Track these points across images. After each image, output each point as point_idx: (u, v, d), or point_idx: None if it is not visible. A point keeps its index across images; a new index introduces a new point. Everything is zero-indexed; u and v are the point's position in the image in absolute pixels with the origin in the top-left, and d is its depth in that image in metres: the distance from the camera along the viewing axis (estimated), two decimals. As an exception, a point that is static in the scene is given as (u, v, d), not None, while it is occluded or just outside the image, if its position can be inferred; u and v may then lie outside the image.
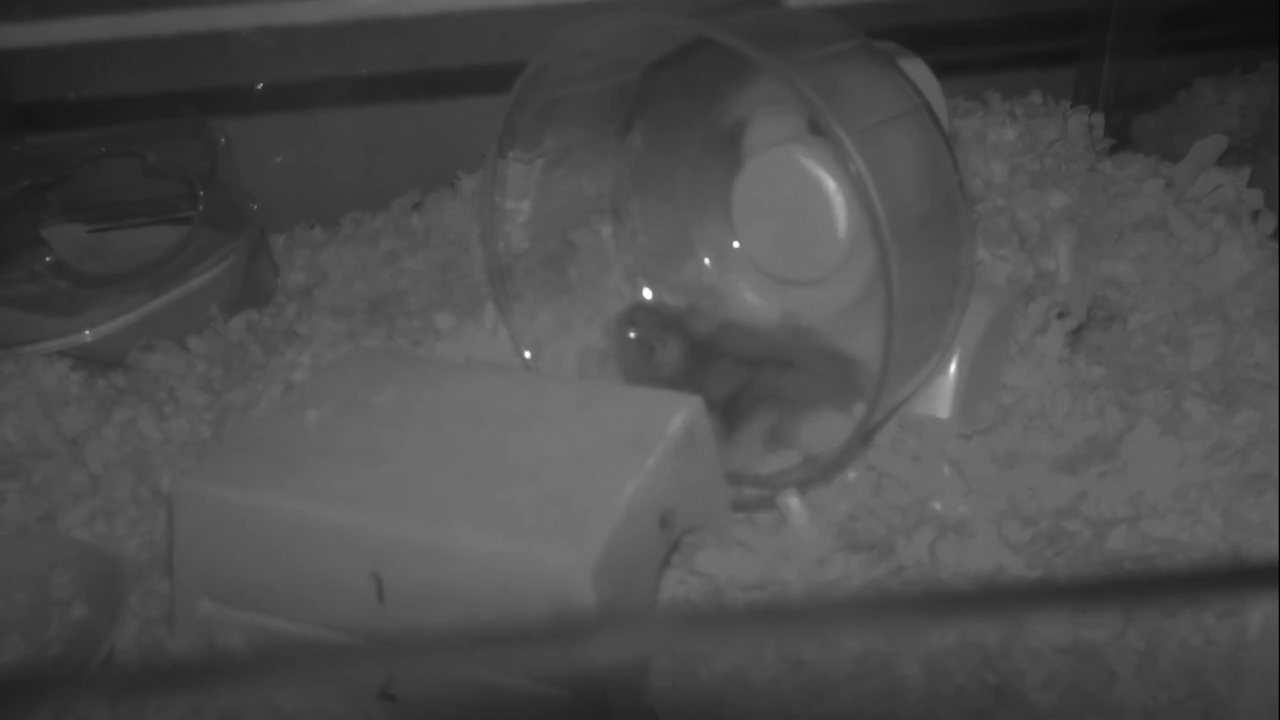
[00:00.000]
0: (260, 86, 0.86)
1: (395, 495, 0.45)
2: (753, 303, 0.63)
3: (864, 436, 0.51)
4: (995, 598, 0.46)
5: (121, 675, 0.48)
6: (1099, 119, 0.77)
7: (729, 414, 0.57)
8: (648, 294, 0.65)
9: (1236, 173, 0.67)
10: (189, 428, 0.64)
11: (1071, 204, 0.66)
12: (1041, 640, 0.44)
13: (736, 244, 0.63)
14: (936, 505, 0.52)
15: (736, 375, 0.58)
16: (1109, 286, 0.65)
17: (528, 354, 0.62)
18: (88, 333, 0.72)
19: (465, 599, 0.43)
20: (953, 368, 0.57)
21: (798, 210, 0.59)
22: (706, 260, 0.65)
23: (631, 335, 0.59)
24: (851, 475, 0.55)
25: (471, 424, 0.49)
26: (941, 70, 0.59)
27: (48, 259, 0.73)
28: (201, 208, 0.76)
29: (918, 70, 0.59)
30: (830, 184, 0.58)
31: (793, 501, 0.52)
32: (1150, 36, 0.83)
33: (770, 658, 0.47)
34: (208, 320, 0.75)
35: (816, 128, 0.59)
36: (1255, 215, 0.64)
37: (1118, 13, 0.81)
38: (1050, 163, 0.69)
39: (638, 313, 0.62)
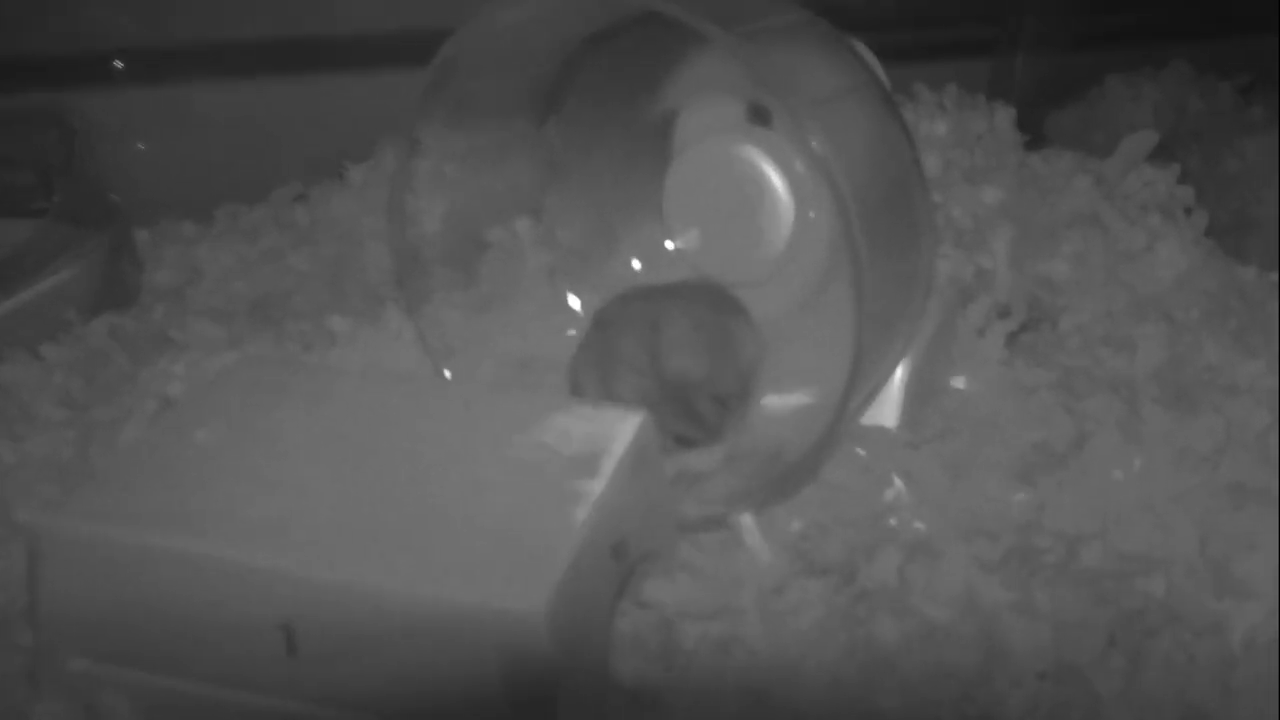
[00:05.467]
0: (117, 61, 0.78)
1: (307, 533, 0.39)
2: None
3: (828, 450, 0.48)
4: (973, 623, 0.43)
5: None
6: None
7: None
8: (573, 300, 0.60)
9: (1165, 169, 0.65)
10: (48, 448, 0.56)
11: (1005, 200, 0.64)
12: (1021, 667, 0.41)
13: (669, 244, 0.59)
14: (892, 521, 0.49)
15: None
16: (1041, 286, 0.63)
17: (446, 371, 0.56)
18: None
19: (394, 652, 0.37)
20: (899, 373, 0.53)
21: (737, 206, 0.55)
22: (636, 263, 0.60)
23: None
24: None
25: (389, 446, 0.43)
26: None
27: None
28: (56, 200, 0.67)
29: (858, 52, 0.56)
30: (774, 177, 0.54)
31: (747, 520, 0.47)
32: (1064, 27, 0.82)
33: (731, 692, 0.43)
34: (64, 325, 0.67)
35: (756, 116, 0.55)
36: (1188, 212, 0.63)
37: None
38: (980, 157, 0.67)
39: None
